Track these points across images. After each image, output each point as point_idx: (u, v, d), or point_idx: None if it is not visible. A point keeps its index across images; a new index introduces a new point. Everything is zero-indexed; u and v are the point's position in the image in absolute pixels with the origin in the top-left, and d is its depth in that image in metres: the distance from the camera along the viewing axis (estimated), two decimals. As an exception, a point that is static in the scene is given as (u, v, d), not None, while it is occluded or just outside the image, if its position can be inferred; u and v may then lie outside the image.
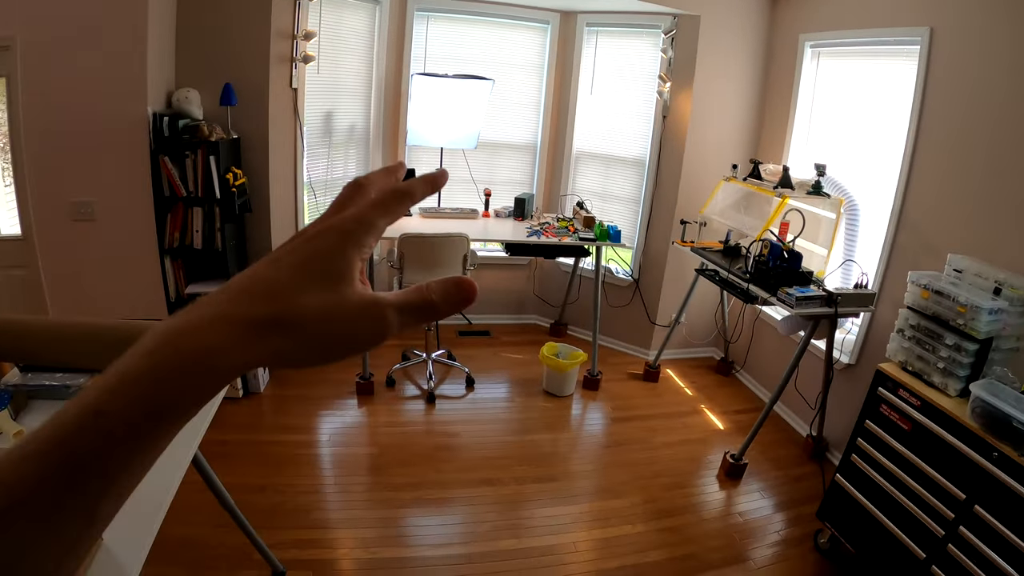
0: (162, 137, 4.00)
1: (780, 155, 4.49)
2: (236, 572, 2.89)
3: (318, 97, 4.65)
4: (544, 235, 4.54)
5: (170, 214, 4.17)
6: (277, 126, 4.39)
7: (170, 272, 4.28)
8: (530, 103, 5.36)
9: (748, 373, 4.92)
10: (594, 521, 3.38)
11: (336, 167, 4.97)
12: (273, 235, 4.56)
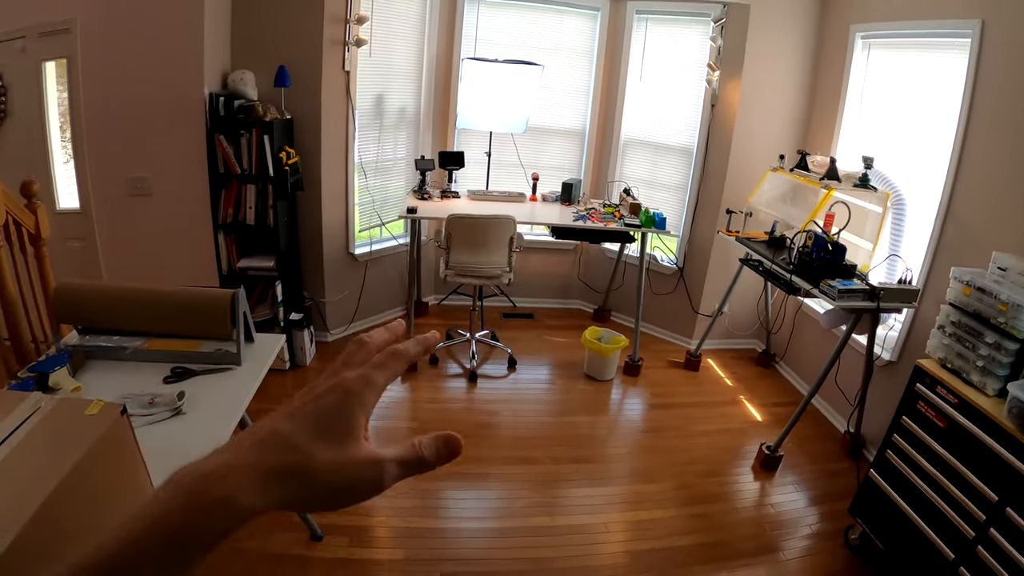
0: (218, 116, 4.13)
1: (828, 146, 4.44)
2: (275, 535, 3.02)
3: (370, 80, 4.73)
4: (590, 220, 4.58)
5: (224, 190, 4.31)
6: (329, 107, 4.49)
7: (223, 246, 4.43)
8: (579, 89, 5.37)
9: (789, 366, 4.89)
10: (627, 503, 3.44)
11: (386, 148, 5.05)
12: (323, 212, 4.67)
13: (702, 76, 4.80)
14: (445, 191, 5.00)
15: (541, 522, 3.27)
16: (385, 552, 2.99)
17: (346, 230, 4.91)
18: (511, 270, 4.42)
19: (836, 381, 4.07)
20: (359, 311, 5.18)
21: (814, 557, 3.09)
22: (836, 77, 4.37)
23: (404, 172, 5.28)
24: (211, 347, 2.25)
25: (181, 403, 1.92)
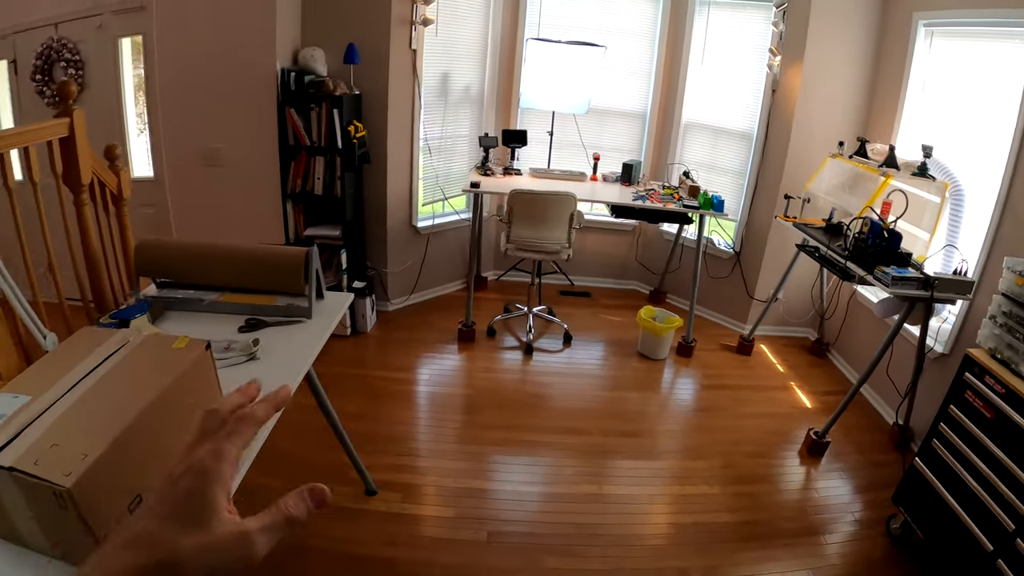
0: (289, 91, 4.30)
1: (888, 134, 4.39)
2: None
3: (436, 58, 4.84)
4: (649, 200, 4.63)
5: (293, 162, 4.48)
6: (396, 84, 4.62)
7: (291, 215, 4.60)
8: (641, 72, 5.40)
9: (841, 356, 4.86)
10: (673, 478, 3.50)
11: (450, 126, 5.16)
12: (388, 185, 4.83)
13: (763, 61, 4.78)
14: (507, 168, 5.09)
15: (588, 490, 3.36)
16: (435, 509, 3.13)
17: (410, 203, 5.05)
18: (570, 246, 4.49)
19: (887, 372, 4.04)
20: (419, 283, 5.33)
21: (854, 543, 3.10)
22: (898, 65, 4.32)
23: (467, 149, 5.39)
24: (283, 302, 2.39)
25: (256, 349, 2.05)
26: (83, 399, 1.37)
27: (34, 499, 1.20)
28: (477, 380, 4.35)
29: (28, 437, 1.25)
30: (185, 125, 4.50)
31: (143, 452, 1.34)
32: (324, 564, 2.75)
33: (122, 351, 1.56)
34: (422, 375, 4.39)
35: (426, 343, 4.72)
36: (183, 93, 4.42)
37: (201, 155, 4.59)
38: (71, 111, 2.61)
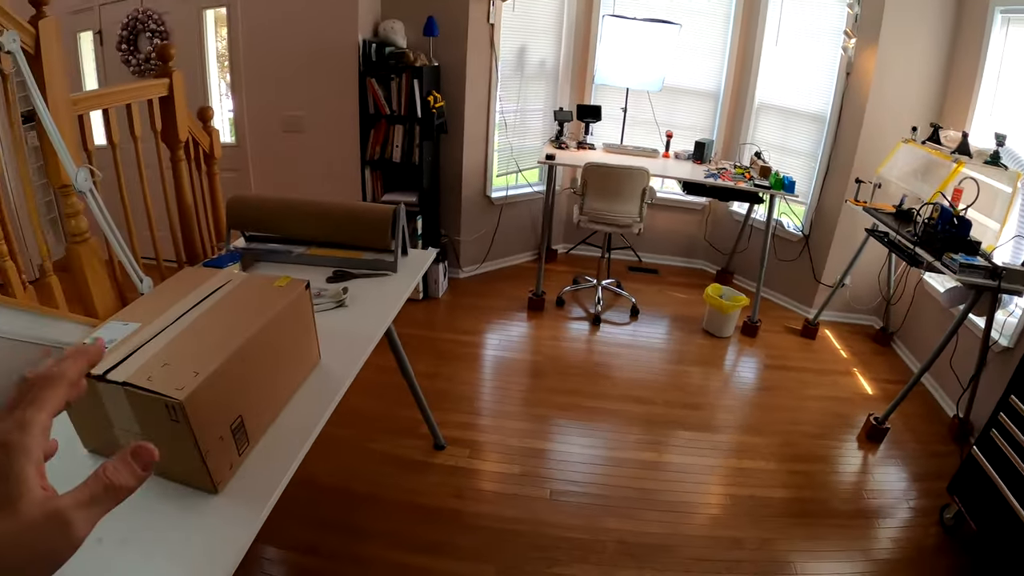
0: (370, 61, 4.38)
1: (962, 121, 4.24)
2: (401, 440, 3.27)
3: (512, 32, 4.87)
4: (721, 179, 4.58)
5: (373, 130, 4.55)
6: (474, 57, 4.67)
7: (369, 181, 4.69)
8: (715, 51, 5.32)
9: (905, 346, 4.75)
10: (731, 451, 3.50)
11: (526, 99, 5.18)
12: (464, 155, 4.90)
13: (838, 43, 4.67)
14: (581, 142, 5.09)
15: (648, 457, 3.39)
16: (500, 465, 3.20)
17: (484, 174, 5.10)
18: (642, 221, 4.49)
19: (951, 363, 3.94)
20: (491, 252, 5.39)
21: (906, 530, 3.06)
22: (973, 51, 4.17)
23: (541, 123, 5.40)
24: (369, 256, 2.45)
25: (344, 297, 2.12)
26: (191, 327, 1.45)
27: (144, 414, 1.27)
28: (545, 347, 4.40)
29: (139, 357, 1.32)
30: (267, 93, 4.64)
31: (244, 378, 1.40)
32: (393, 513, 2.84)
33: (227, 287, 1.63)
34: (491, 340, 4.47)
35: (496, 310, 4.79)
36: (265, 63, 4.55)
37: (282, 122, 4.71)
38: (171, 72, 2.71)
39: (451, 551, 2.66)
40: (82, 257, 2.23)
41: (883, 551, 2.90)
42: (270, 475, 1.41)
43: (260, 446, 1.49)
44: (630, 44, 4.90)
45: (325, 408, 1.61)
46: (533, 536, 2.78)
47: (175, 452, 1.30)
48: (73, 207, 2.17)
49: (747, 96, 5.30)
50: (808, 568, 2.77)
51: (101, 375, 1.26)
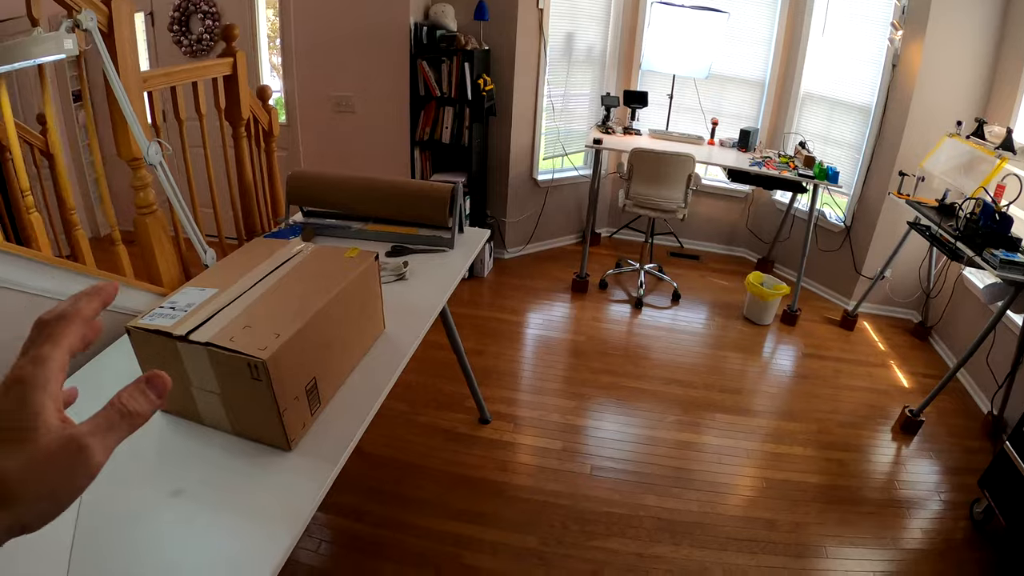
0: (421, 44, 4.41)
1: (1007, 117, 4.15)
2: (448, 413, 3.33)
3: (561, 18, 4.86)
4: (765, 167, 4.56)
5: (423, 111, 4.59)
6: (523, 42, 4.68)
7: (418, 161, 4.74)
8: (762, 40, 5.26)
9: (943, 342, 4.69)
10: (768, 436, 3.51)
11: (573, 84, 5.18)
12: (512, 138, 4.91)
13: (884, 35, 4.60)
14: (627, 128, 5.08)
15: (686, 438, 3.42)
16: (543, 440, 3.25)
17: (531, 157, 5.12)
18: (686, 207, 4.49)
19: (987, 360, 3.90)
20: (536, 234, 5.42)
21: (936, 521, 3.05)
22: (1020, 46, 4.08)
23: (587, 108, 5.39)
24: (426, 233, 2.50)
25: (405, 270, 2.17)
26: (268, 293, 1.51)
27: (225, 373, 1.33)
28: (587, 328, 4.44)
29: (220, 320, 1.39)
30: (317, 74, 4.70)
31: (319, 342, 1.46)
32: (439, 483, 2.91)
33: (298, 256, 1.69)
34: (535, 319, 4.51)
35: (540, 291, 4.84)
36: (316, 44, 4.60)
37: (333, 102, 4.76)
38: (235, 51, 2.75)
39: (495, 521, 2.73)
40: (149, 228, 2.29)
41: (913, 541, 2.91)
42: (340, 435, 1.47)
43: (330, 408, 1.54)
44: (678, 31, 4.87)
45: (391, 374, 1.67)
46: (574, 510, 2.83)
47: (253, 410, 1.36)
48: (142, 180, 2.23)
49: (792, 85, 5.23)
50: (839, 553, 2.78)
51: (184, 336, 1.32)
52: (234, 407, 1.40)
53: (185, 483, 1.31)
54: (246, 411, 1.39)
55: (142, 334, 1.38)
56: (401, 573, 2.45)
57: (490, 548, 2.59)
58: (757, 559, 2.69)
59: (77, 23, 1.71)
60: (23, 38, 1.57)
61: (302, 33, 4.60)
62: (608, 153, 5.18)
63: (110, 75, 1.89)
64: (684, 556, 2.66)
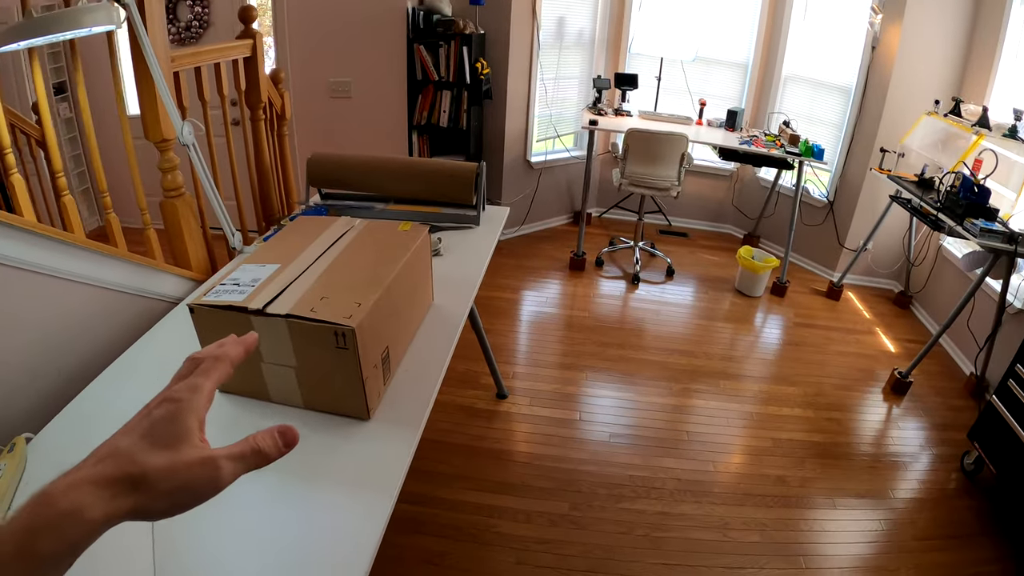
0: (418, 28, 4.38)
1: (982, 96, 4.26)
2: (466, 390, 3.34)
3: (553, 2, 4.84)
4: (754, 145, 4.61)
5: (420, 95, 4.56)
6: (517, 26, 4.66)
7: (416, 145, 4.71)
8: (745, 23, 5.30)
9: (924, 309, 4.80)
10: (769, 399, 3.59)
11: (564, 67, 5.17)
12: (507, 121, 4.90)
13: (864, 18, 4.65)
14: (618, 109, 5.09)
15: (694, 403, 3.49)
16: (561, 412, 3.28)
17: (525, 139, 5.12)
18: (680, 184, 4.53)
19: (968, 324, 4.01)
20: (530, 215, 5.43)
21: (930, 473, 3.17)
22: (993, 30, 4.17)
23: (578, 90, 5.40)
24: (449, 211, 2.49)
25: (439, 245, 2.17)
26: (334, 265, 1.50)
27: (305, 345, 1.32)
28: (589, 304, 4.48)
29: (294, 292, 1.37)
30: (312, 59, 4.61)
31: (390, 312, 1.46)
32: (466, 457, 2.93)
33: (352, 232, 1.68)
34: (538, 297, 4.53)
35: (539, 269, 4.86)
36: (313, 29, 4.52)
37: (329, 87, 4.70)
38: (254, 33, 2.71)
39: (525, 491, 2.76)
40: (179, 211, 2.25)
41: (910, 492, 3.02)
42: (414, 400, 1.47)
43: (396, 376, 1.54)
44: (665, 15, 4.89)
45: (450, 341, 1.67)
46: (599, 475, 2.87)
47: (334, 381, 1.35)
48: (170, 162, 2.19)
49: (775, 67, 5.28)
50: (845, 503, 2.89)
51: (260, 309, 1.30)
52: (310, 380, 1.38)
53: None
54: (325, 383, 1.37)
55: (207, 311, 1.35)
56: (440, 546, 2.46)
57: (524, 516, 2.62)
58: (773, 512, 2.78)
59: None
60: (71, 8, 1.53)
61: (296, 19, 4.50)
62: (598, 134, 5.19)
63: (147, 52, 1.84)
64: (706, 513, 2.73)
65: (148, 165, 2.20)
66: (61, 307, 1.63)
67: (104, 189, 2.12)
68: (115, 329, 1.77)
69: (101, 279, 1.74)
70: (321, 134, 4.82)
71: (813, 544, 2.64)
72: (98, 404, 1.44)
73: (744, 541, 2.61)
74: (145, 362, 1.60)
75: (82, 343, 1.68)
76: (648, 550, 2.52)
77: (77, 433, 1.34)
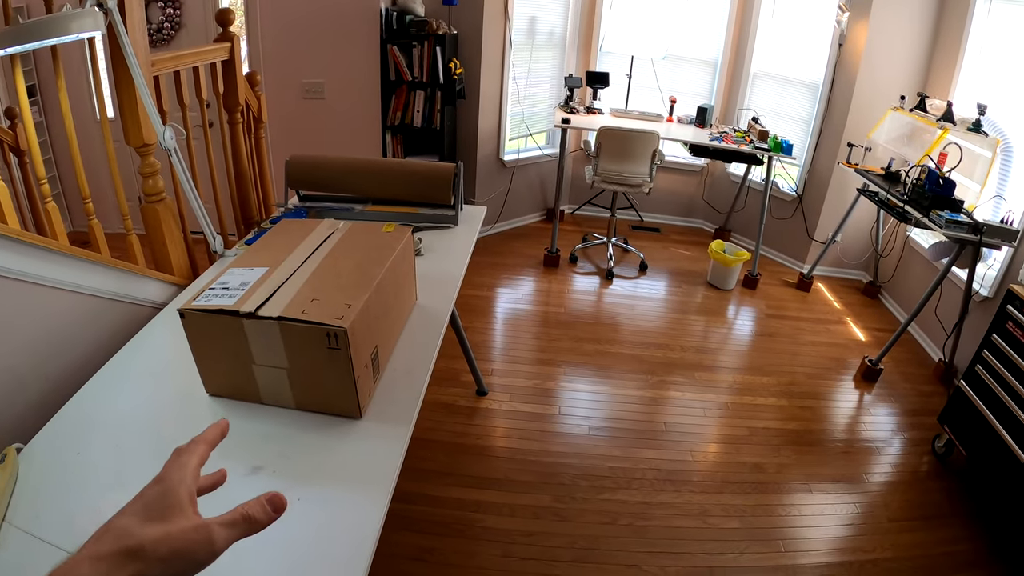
0: (391, 29, 4.38)
1: (946, 91, 4.38)
2: (447, 388, 3.37)
3: (525, 1, 4.87)
4: (724, 141, 4.68)
5: (394, 96, 4.57)
6: (489, 26, 4.68)
7: (390, 145, 4.71)
8: (715, 21, 5.37)
9: (893, 299, 4.92)
10: (743, 389, 3.66)
11: (536, 66, 5.20)
12: (480, 120, 4.93)
13: (831, 16, 4.75)
14: (589, 107, 5.14)
15: (671, 395, 3.56)
16: (541, 407, 3.32)
17: (498, 137, 5.15)
18: (651, 181, 4.59)
19: (936, 312, 4.13)
20: (504, 213, 5.46)
21: (903, 457, 3.27)
22: (957, 27, 4.29)
23: (549, 89, 5.44)
24: (427, 211, 2.52)
25: (420, 245, 2.20)
26: (321, 267, 1.52)
27: (297, 346, 1.34)
28: (565, 300, 4.52)
29: (285, 295, 1.39)
30: (285, 61, 4.59)
31: (377, 312, 1.49)
32: (449, 454, 2.96)
33: (337, 233, 1.70)
34: (514, 294, 4.57)
35: (514, 267, 4.89)
36: (286, 29, 4.49)
37: (302, 89, 4.68)
38: (232, 36, 2.70)
39: (508, 485, 2.79)
40: (160, 216, 2.24)
41: (883, 475, 3.12)
42: (404, 397, 1.51)
43: (385, 376, 1.57)
44: (636, 13, 4.94)
45: (435, 340, 1.70)
46: (580, 468, 2.91)
47: (325, 381, 1.38)
48: (152, 166, 2.18)
49: (744, 64, 5.36)
50: (820, 488, 2.97)
51: (252, 312, 1.32)
52: (302, 381, 1.40)
53: (262, 460, 1.30)
54: (316, 383, 1.39)
55: (198, 316, 1.36)
56: (428, 542, 2.49)
57: (508, 510, 2.66)
58: (752, 498, 2.85)
59: (100, 1, 1.66)
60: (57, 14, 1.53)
61: (269, 20, 4.47)
62: (570, 132, 5.23)
63: (129, 57, 1.83)
64: (687, 501, 2.79)
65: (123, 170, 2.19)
66: (46, 315, 1.63)
67: (87, 195, 2.11)
68: (101, 335, 1.78)
69: (85, 286, 1.74)
70: (295, 135, 4.80)
71: (791, 528, 2.71)
72: (87, 411, 1.44)
73: (724, 527, 2.67)
74: (132, 367, 1.61)
75: (68, 350, 1.69)
76: (631, 539, 2.57)
77: (68, 441, 1.34)
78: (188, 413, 1.44)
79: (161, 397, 1.50)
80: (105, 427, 1.39)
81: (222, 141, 2.81)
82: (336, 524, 1.18)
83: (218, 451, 0.67)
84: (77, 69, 4.29)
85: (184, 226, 2.46)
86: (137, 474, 1.26)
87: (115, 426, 1.39)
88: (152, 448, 1.32)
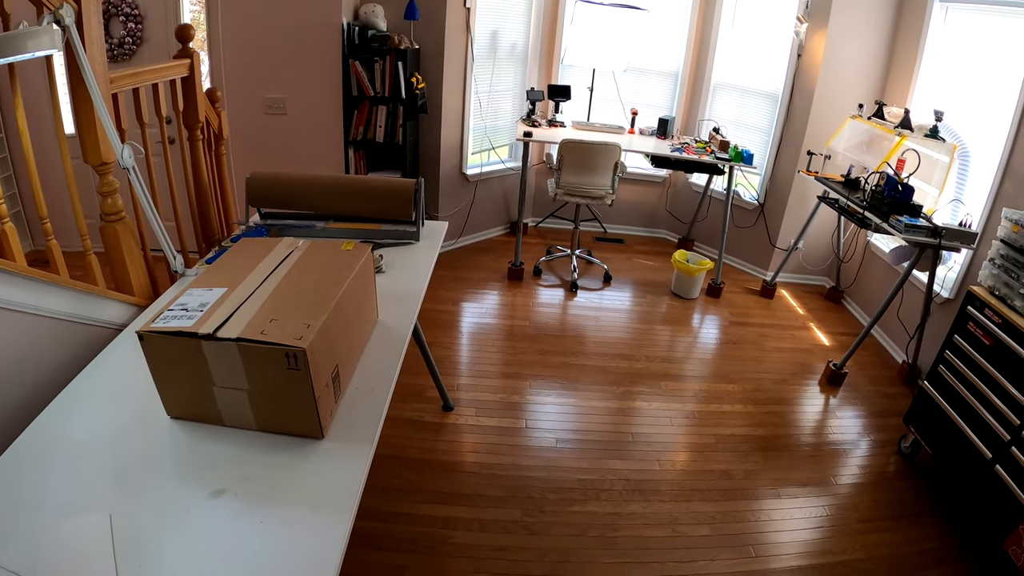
0: (353, 44, 4.38)
1: (904, 99, 4.50)
2: (412, 404, 3.37)
3: (487, 16, 4.91)
4: (685, 152, 4.75)
5: (356, 111, 4.57)
6: (451, 40, 4.70)
7: (352, 161, 4.71)
8: (675, 33, 5.46)
9: (855, 303, 5.01)
10: (710, 397, 3.71)
11: (498, 80, 5.24)
12: (442, 135, 4.95)
13: (790, 27, 4.85)
14: (551, 120, 5.18)
15: (637, 405, 3.58)
16: (507, 421, 3.33)
17: (460, 152, 5.16)
18: (614, 192, 4.63)
19: (898, 315, 4.23)
20: (467, 227, 5.46)
21: (869, 458, 3.34)
22: (914, 36, 4.41)
23: (512, 102, 5.47)
24: (389, 228, 2.53)
25: (381, 262, 2.21)
26: (281, 287, 1.53)
27: (256, 367, 1.35)
28: (529, 313, 4.53)
29: (243, 316, 1.40)
30: (247, 76, 4.55)
31: (338, 331, 1.50)
32: (417, 470, 2.94)
33: (296, 252, 1.71)
34: (478, 308, 4.57)
35: (478, 281, 4.90)
36: (247, 45, 4.45)
37: (264, 104, 4.67)
38: (191, 53, 2.70)
39: (477, 500, 2.79)
40: (119, 236, 2.22)
41: (851, 477, 3.19)
42: (366, 416, 1.51)
43: (347, 394, 1.58)
44: (599, 28, 5.00)
45: (397, 357, 1.71)
46: (549, 481, 2.92)
47: (286, 401, 1.38)
48: (110, 185, 2.16)
49: (705, 75, 5.45)
50: (789, 492, 3.02)
51: (211, 334, 1.33)
52: (262, 402, 1.40)
53: (224, 483, 1.30)
54: (277, 404, 1.40)
55: (157, 338, 1.36)
56: (398, 559, 2.48)
57: (478, 525, 2.65)
58: (720, 505, 2.88)
59: (58, 18, 1.66)
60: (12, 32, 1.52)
61: (230, 35, 4.44)
62: (532, 145, 5.27)
63: (86, 74, 1.82)
64: (655, 510, 2.81)
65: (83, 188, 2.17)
66: (4, 339, 1.61)
67: (44, 215, 2.08)
68: (61, 358, 1.76)
69: (44, 307, 1.72)
70: (257, 152, 4.77)
71: (761, 533, 2.75)
72: (48, 437, 1.42)
73: (694, 535, 2.70)
74: (93, 391, 1.59)
75: (27, 374, 1.66)
76: (601, 550, 2.59)
77: (30, 467, 1.32)
78: (149, 437, 1.43)
79: (122, 421, 1.48)
80: (66, 453, 1.37)
81: (182, 158, 2.80)
82: (299, 545, 1.18)
83: (181, 475, 0.64)
84: (38, 84, 4.24)
85: (144, 245, 2.44)
86: (98, 499, 1.25)
87: (75, 452, 1.37)
88: (113, 473, 1.32)
